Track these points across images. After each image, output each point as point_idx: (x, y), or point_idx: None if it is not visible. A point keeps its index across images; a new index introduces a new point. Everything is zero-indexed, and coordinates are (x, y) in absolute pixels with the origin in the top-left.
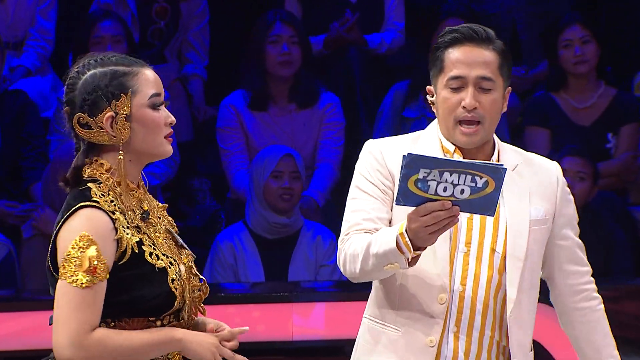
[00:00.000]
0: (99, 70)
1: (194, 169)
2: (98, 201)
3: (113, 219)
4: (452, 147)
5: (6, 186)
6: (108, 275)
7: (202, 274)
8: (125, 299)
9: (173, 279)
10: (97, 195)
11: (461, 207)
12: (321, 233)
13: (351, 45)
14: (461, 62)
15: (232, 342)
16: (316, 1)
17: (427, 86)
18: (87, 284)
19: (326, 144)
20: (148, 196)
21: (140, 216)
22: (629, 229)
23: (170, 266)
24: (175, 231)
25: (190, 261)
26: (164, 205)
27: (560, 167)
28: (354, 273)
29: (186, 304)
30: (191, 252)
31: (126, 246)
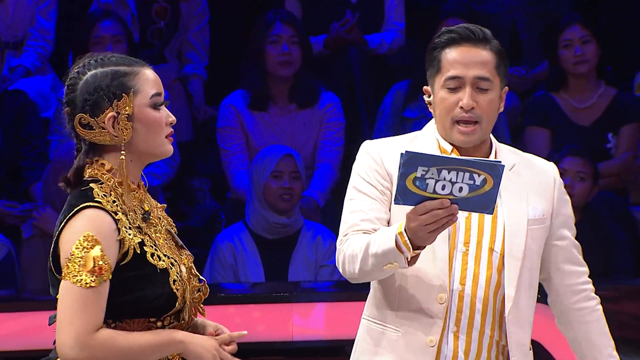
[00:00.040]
0: (99, 70)
1: (194, 169)
2: (101, 202)
3: (116, 219)
4: (449, 147)
5: (6, 186)
6: (111, 275)
7: (202, 274)
8: (126, 299)
9: (174, 280)
10: (100, 195)
11: (460, 206)
12: (321, 233)
13: (351, 45)
14: (458, 62)
15: (231, 346)
16: (316, 1)
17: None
18: (92, 284)
19: (326, 144)
20: (148, 196)
21: (141, 217)
22: (629, 229)
23: (171, 267)
24: (174, 231)
25: (190, 262)
26: (162, 205)
27: (557, 167)
28: (353, 274)
29: (187, 304)
30: (190, 253)
31: (128, 247)
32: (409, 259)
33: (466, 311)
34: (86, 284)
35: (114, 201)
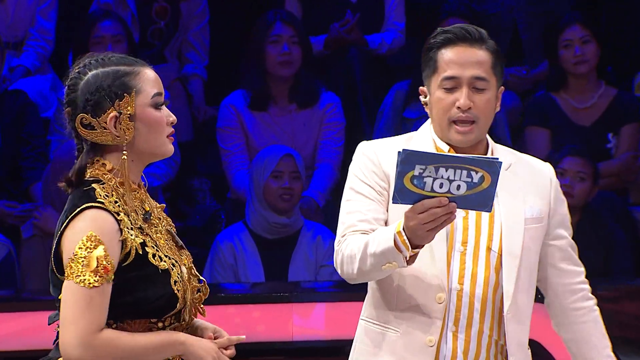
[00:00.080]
0: (100, 70)
1: (194, 169)
2: (103, 202)
3: (118, 220)
4: (446, 146)
5: (6, 186)
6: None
7: (202, 274)
8: (128, 300)
9: (175, 281)
10: (102, 196)
11: (458, 204)
12: (321, 233)
13: (351, 45)
14: (454, 62)
15: (229, 351)
16: (316, 1)
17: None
18: (95, 283)
19: (326, 144)
20: (148, 197)
21: (142, 217)
22: (629, 229)
23: (172, 268)
24: (174, 231)
25: (189, 262)
26: (161, 205)
27: (554, 168)
28: (352, 274)
29: (187, 305)
30: (189, 253)
31: (130, 247)
32: (407, 258)
33: (465, 310)
34: (89, 283)
35: (115, 201)
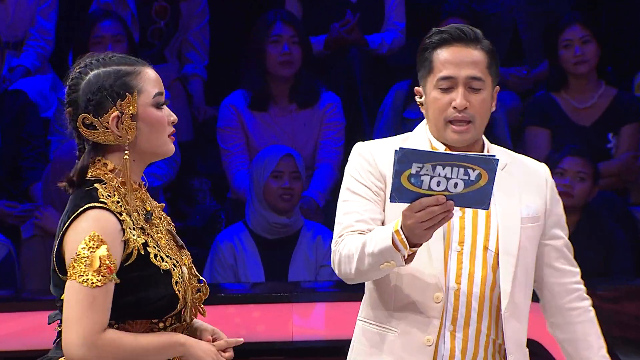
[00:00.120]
0: (102, 70)
1: (194, 169)
2: (105, 202)
3: (120, 220)
4: (442, 146)
5: (6, 186)
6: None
7: (202, 274)
8: (130, 300)
9: (177, 282)
10: (104, 196)
11: (456, 202)
12: (321, 233)
13: (352, 45)
14: (450, 62)
15: (227, 353)
16: (316, 1)
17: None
18: (98, 283)
19: (326, 144)
20: (148, 196)
21: (143, 217)
22: (629, 229)
23: (174, 268)
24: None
25: (189, 262)
26: (161, 204)
27: (549, 168)
28: (349, 274)
29: (187, 305)
30: (189, 253)
31: (132, 248)
32: (405, 257)
33: (462, 310)
34: (92, 283)
35: (118, 202)
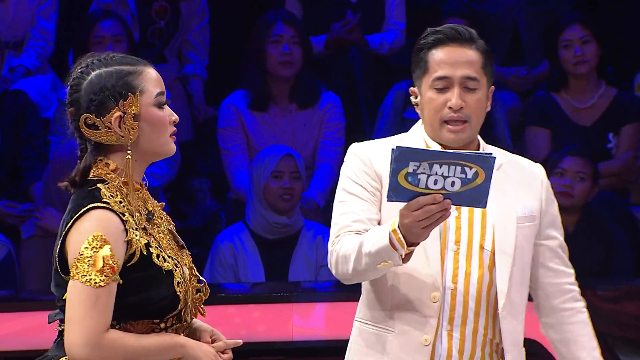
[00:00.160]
0: (103, 70)
1: (194, 169)
2: (108, 202)
3: (123, 220)
4: (438, 147)
5: (6, 186)
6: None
7: (202, 274)
8: (132, 301)
9: (178, 282)
10: (107, 196)
11: (453, 200)
12: (321, 233)
13: (352, 45)
14: (445, 62)
15: (226, 355)
16: (317, 1)
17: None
18: (101, 283)
19: (326, 144)
20: (149, 196)
21: (145, 217)
22: (629, 229)
23: (175, 268)
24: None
25: (190, 262)
26: (161, 203)
27: (544, 169)
28: (346, 274)
29: (188, 305)
30: (189, 252)
31: (135, 248)
32: (403, 256)
33: (459, 309)
34: (95, 283)
35: (120, 202)
